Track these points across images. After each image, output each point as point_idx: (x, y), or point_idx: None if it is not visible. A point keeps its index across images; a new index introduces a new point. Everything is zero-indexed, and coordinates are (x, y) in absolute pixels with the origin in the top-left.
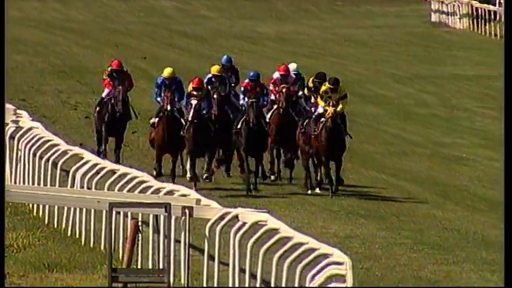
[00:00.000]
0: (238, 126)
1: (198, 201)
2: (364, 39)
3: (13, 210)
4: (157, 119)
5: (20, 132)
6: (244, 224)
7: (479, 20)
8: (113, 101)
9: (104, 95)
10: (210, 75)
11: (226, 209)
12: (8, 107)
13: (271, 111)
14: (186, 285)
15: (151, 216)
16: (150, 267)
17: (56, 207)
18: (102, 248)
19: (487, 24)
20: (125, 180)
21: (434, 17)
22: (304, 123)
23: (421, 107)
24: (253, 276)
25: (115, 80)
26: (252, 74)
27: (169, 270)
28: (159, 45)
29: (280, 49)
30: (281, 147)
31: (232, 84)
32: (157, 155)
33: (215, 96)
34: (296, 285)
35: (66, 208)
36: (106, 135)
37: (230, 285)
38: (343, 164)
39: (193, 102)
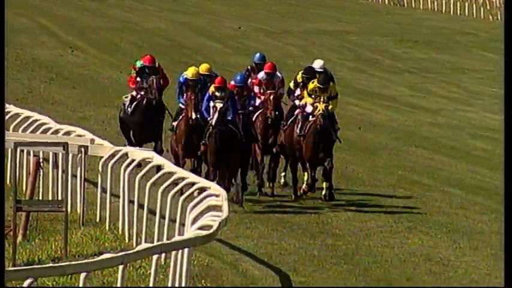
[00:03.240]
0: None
1: (92, 141)
2: None
3: None
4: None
5: None
6: (133, 160)
7: None
8: (142, 97)
9: (134, 93)
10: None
11: (117, 147)
12: None
13: (255, 117)
14: (81, 214)
15: (51, 154)
16: (50, 198)
17: None
18: (8, 182)
19: None
20: (28, 122)
21: None
22: (289, 121)
23: (287, 58)
24: (141, 206)
25: (146, 76)
26: (238, 78)
27: (67, 201)
28: (60, 3)
29: (162, 7)
30: (267, 154)
31: None
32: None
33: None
34: (178, 214)
35: None
36: (139, 139)
37: (120, 214)
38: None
39: (219, 105)
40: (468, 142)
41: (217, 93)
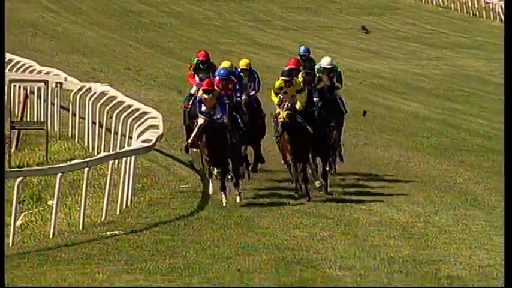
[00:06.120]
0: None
1: (65, 79)
2: None
3: None
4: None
5: None
6: (95, 93)
7: None
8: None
9: (192, 91)
10: (238, 69)
11: (84, 83)
12: None
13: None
14: (58, 131)
15: (35, 88)
16: (35, 120)
17: None
18: (4, 108)
19: None
20: (18, 66)
21: None
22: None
23: (205, 19)
24: (100, 125)
25: (201, 72)
26: (222, 72)
27: (47, 122)
28: None
29: None
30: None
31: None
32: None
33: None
34: (127, 131)
35: None
36: None
37: (85, 131)
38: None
39: (200, 121)
40: None
41: (205, 96)
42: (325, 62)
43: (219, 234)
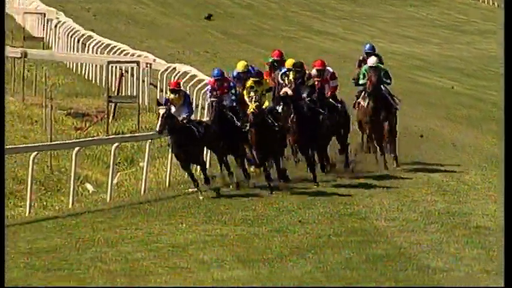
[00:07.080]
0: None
1: (154, 60)
2: None
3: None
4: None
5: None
6: (179, 72)
7: None
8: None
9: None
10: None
11: (169, 64)
12: None
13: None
14: (148, 104)
15: (129, 68)
16: (129, 94)
17: (76, 63)
18: (103, 84)
19: None
20: (114, 49)
21: None
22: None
23: (268, 10)
24: None
25: (275, 70)
26: (216, 72)
27: (139, 96)
28: None
29: None
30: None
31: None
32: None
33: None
34: (203, 103)
35: (80, 63)
36: None
37: None
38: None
39: (161, 111)
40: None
41: (172, 95)
42: (370, 61)
43: (283, 191)
